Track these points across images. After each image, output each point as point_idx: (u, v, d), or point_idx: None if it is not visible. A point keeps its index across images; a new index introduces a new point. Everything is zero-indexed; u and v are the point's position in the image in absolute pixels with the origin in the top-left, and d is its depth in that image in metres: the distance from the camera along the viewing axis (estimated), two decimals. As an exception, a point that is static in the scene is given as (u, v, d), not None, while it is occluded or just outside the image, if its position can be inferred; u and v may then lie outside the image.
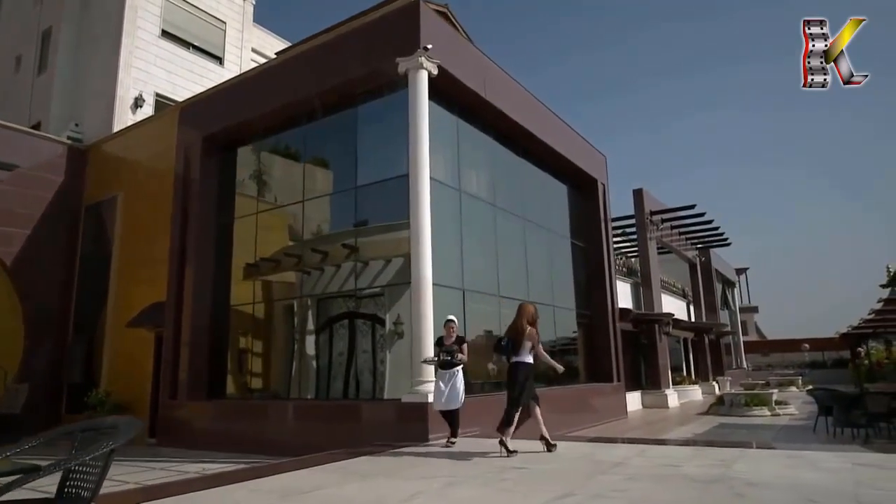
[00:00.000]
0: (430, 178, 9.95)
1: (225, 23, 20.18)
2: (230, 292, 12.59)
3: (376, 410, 9.46)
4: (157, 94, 17.66)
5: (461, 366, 7.89)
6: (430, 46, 9.78)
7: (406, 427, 8.72)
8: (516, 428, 6.76)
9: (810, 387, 20.78)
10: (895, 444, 9.81)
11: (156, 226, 13.53)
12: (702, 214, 22.73)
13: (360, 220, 11.02)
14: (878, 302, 26.23)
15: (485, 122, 12.35)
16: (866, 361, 18.26)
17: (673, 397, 19.88)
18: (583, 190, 16.67)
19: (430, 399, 8.62)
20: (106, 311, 14.69)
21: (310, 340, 11.50)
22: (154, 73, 17.71)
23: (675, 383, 21.84)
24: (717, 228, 25.16)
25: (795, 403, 16.40)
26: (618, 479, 5.30)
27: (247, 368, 12.50)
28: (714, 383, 25.94)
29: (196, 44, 19.19)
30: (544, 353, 7.44)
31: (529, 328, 7.00)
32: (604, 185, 17.11)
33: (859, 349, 21.09)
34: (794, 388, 25.65)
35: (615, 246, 24.05)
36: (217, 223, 12.91)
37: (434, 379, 8.25)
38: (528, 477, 5.65)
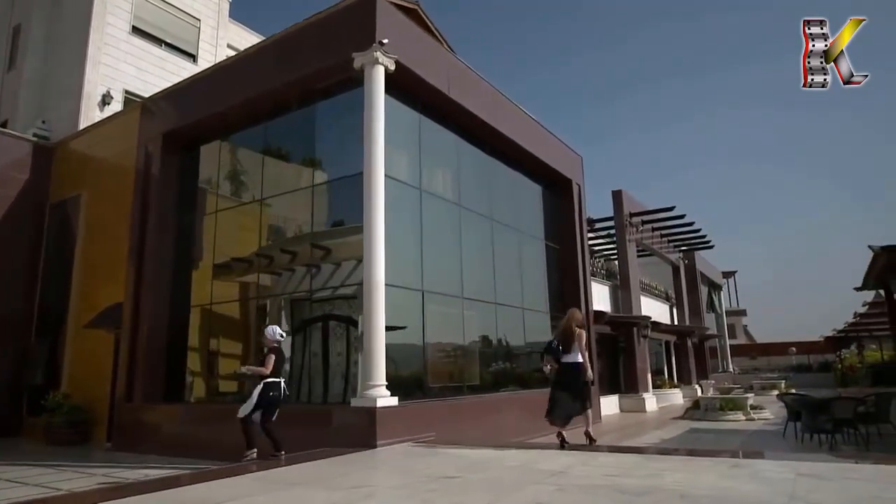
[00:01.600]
0: (388, 176, 9.72)
1: (199, 20, 19.87)
2: (190, 292, 12.31)
3: (325, 415, 9.19)
4: (127, 92, 17.34)
5: (257, 377, 7.74)
6: (385, 41, 9.53)
7: (354, 432, 8.45)
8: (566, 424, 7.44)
9: (784, 391, 20.65)
10: (860, 451, 9.61)
11: (118, 225, 13.21)
12: (682, 216, 22.54)
13: (319, 220, 10.79)
14: (863, 305, 26.17)
15: (450, 120, 12.10)
16: (839, 366, 18.06)
17: (651, 401, 19.65)
18: (557, 190, 16.43)
19: (379, 403, 8.39)
20: (69, 311, 14.39)
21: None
22: (123, 69, 17.39)
23: (655, 387, 21.62)
24: (698, 231, 24.98)
25: (772, 408, 16.17)
26: (547, 490, 5.04)
27: (207, 371, 12.19)
28: (697, 387, 25.75)
29: (168, 41, 18.88)
30: (587, 356, 7.83)
31: (578, 330, 7.57)
32: (579, 185, 16.88)
33: (839, 353, 21.03)
34: (776, 392, 25.45)
35: (599, 248, 23.96)
36: (178, 222, 12.63)
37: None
38: (455, 487, 5.39)
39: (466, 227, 12.16)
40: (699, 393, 23.84)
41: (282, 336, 8.07)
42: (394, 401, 8.66)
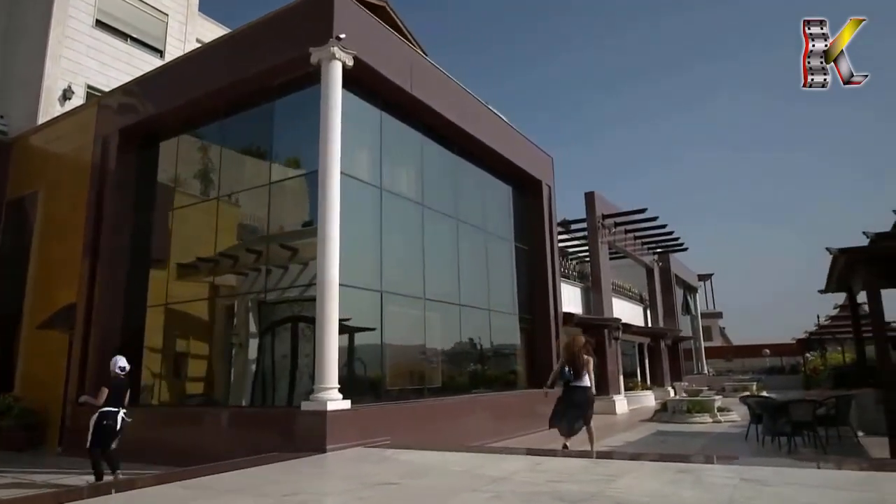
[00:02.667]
0: (345, 174, 9.53)
1: (167, 14, 19.48)
2: (147, 292, 11.98)
3: (276, 418, 8.96)
4: (89, 87, 16.90)
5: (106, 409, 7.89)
6: (343, 36, 9.33)
7: (305, 436, 8.23)
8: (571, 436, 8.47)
9: (755, 393, 20.73)
10: (818, 454, 9.59)
11: (75, 223, 12.82)
12: (654, 218, 22.58)
13: (277, 219, 10.57)
14: (834, 308, 26.42)
15: (414, 118, 11.92)
16: (804, 369, 18.20)
17: (622, 403, 19.61)
18: (526, 191, 16.32)
19: (330, 407, 8.18)
20: (24, 311, 13.97)
21: (226, 344, 10.97)
22: (86, 64, 16.95)
23: (627, 389, 21.60)
24: (671, 233, 25.06)
25: (739, 410, 16.16)
26: (482, 498, 4.87)
27: (164, 373, 11.86)
28: (670, 389, 25.81)
29: (134, 35, 18.46)
30: (593, 378, 8.78)
31: (587, 358, 8.40)
32: (549, 186, 16.78)
33: (803, 356, 21.25)
34: (757, 394, 25.58)
35: (574, 250, 23.92)
36: (135, 220, 12.31)
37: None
38: (389, 494, 5.20)
39: (430, 227, 11.98)
40: (672, 395, 23.89)
41: (122, 368, 8.28)
42: (346, 404, 8.45)
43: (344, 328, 9.33)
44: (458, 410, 11.59)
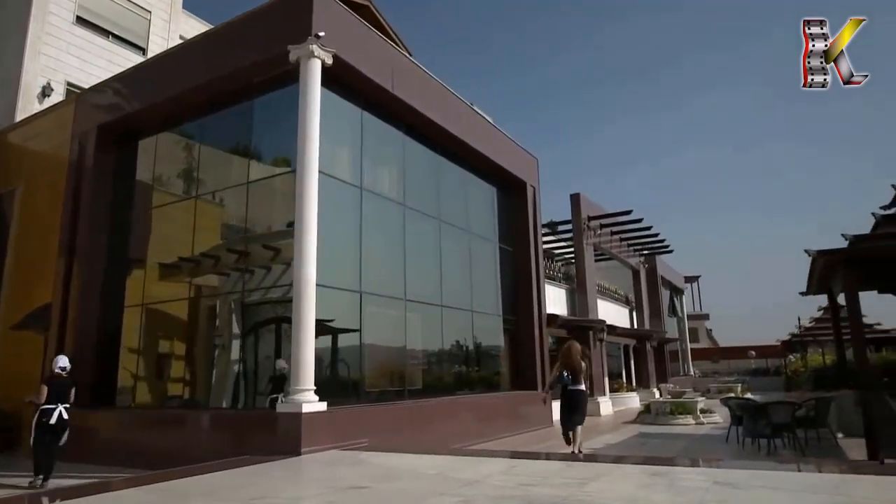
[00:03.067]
0: (323, 173, 9.43)
1: (150, 11, 19.27)
2: (125, 292, 11.81)
3: (251, 420, 8.84)
4: (69, 84, 16.68)
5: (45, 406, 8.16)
6: (322, 34, 9.23)
7: (280, 439, 8.11)
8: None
9: (739, 394, 20.81)
10: (797, 456, 9.59)
11: (53, 221, 12.64)
12: (639, 220, 22.61)
13: (255, 218, 10.46)
14: (819, 310, 26.57)
15: (396, 118, 11.84)
16: (786, 370, 18.27)
17: (607, 405, 19.59)
18: (511, 192, 16.28)
19: (305, 409, 8.08)
20: (-1, 311, 13.75)
21: (204, 345, 10.85)
22: (66, 61, 16.74)
23: (612, 390, 21.60)
24: (656, 235, 25.11)
25: (722, 412, 16.18)
26: (451, 502, 4.80)
27: (140, 374, 11.69)
28: (656, 390, 25.84)
29: (116, 32, 18.24)
30: (588, 382, 9.88)
31: (584, 364, 9.07)
32: (534, 187, 16.75)
33: (785, 358, 21.40)
34: (738, 396, 25.67)
35: (560, 251, 23.91)
36: (113, 218, 12.13)
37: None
38: (358, 498, 5.11)
39: (412, 227, 11.89)
40: (657, 396, 23.92)
41: (63, 368, 8.57)
42: (322, 406, 8.34)
43: (322, 329, 9.24)
44: (440, 412, 11.50)
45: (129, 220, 12.12)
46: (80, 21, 17.38)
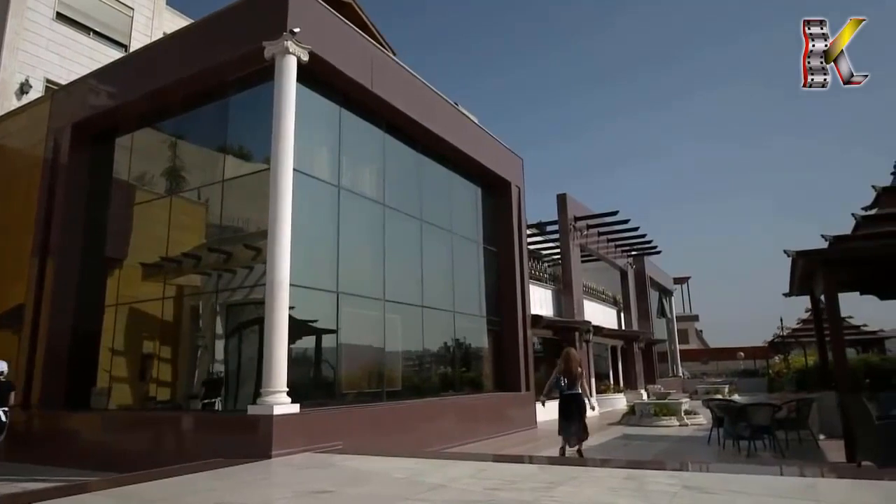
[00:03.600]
0: (301, 172, 9.35)
1: (132, 7, 19.04)
2: (100, 292, 11.61)
3: (222, 423, 8.68)
4: (49, 81, 16.43)
5: None
6: (297, 30, 9.08)
7: (251, 440, 7.96)
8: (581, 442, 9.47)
9: (727, 396, 20.76)
10: (776, 457, 9.52)
11: (28, 220, 12.43)
12: (626, 221, 22.59)
13: (231, 217, 10.31)
14: (806, 312, 26.59)
15: (376, 116, 11.71)
16: (769, 372, 18.29)
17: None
18: (495, 192, 16.17)
19: (277, 411, 7.93)
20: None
21: (180, 346, 10.66)
22: (45, 57, 16.49)
23: (599, 392, 21.52)
24: (643, 235, 25.08)
25: (706, 413, 16.13)
26: (412, 507, 4.67)
27: (115, 375, 11.49)
28: (643, 392, 25.78)
29: (97, 29, 18.00)
30: (586, 387, 10.27)
31: (580, 370, 9.64)
32: (518, 187, 16.65)
33: (767, 359, 21.48)
34: (719, 397, 25.66)
35: (548, 252, 23.80)
36: (88, 217, 11.94)
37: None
38: (321, 503, 4.98)
39: (392, 227, 11.75)
40: (644, 398, 23.87)
41: (1, 371, 9.29)
42: (294, 408, 8.19)
43: (297, 330, 9.10)
44: (420, 414, 11.37)
45: (106, 218, 11.92)
46: (61, 17, 17.12)
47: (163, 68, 10.75)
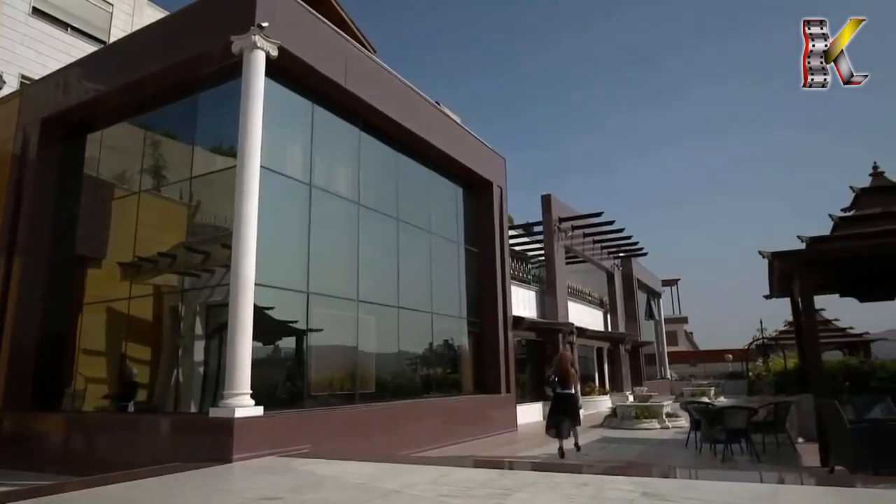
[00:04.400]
0: (270, 170, 9.20)
1: (112, 3, 18.80)
2: (70, 292, 11.36)
3: (185, 425, 8.46)
4: (24, 77, 16.15)
5: None
6: (265, 24, 8.89)
7: (211, 444, 7.76)
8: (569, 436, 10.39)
9: (713, 398, 20.66)
10: (752, 461, 9.39)
11: (-1, 219, 12.19)
12: (611, 222, 22.48)
13: (200, 214, 10.10)
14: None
15: (351, 113, 11.52)
16: (749, 375, 18.19)
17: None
18: (476, 192, 16.01)
19: (238, 414, 7.73)
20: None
21: (148, 347, 10.45)
22: (20, 53, 16.22)
23: (584, 394, 21.37)
24: (629, 237, 24.99)
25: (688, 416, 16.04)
26: (358, 515, 4.50)
27: (85, 377, 11.23)
28: (629, 394, 25.66)
29: (75, 25, 17.76)
30: (578, 387, 11.48)
31: (573, 371, 10.65)
32: (500, 188, 16.49)
33: (746, 362, 21.50)
34: (705, 399, 25.58)
35: (535, 253, 23.66)
36: (57, 215, 11.68)
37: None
38: (263, 511, 4.80)
39: (366, 226, 11.56)
40: (630, 400, 23.74)
41: None
42: (258, 410, 7.99)
43: (264, 330, 8.91)
44: (395, 416, 11.18)
45: (76, 216, 11.69)
46: (37, 13, 16.86)
47: (134, 63, 10.53)
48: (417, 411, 11.94)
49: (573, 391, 10.49)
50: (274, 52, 9.10)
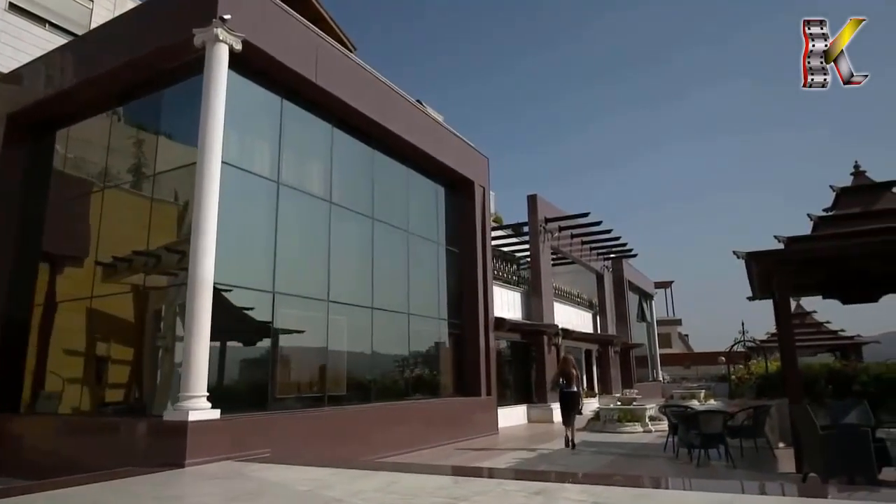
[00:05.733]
0: (233, 166, 9.00)
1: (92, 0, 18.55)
2: (35, 290, 11.11)
3: (138, 428, 8.20)
4: (-1, 73, 15.92)
5: None
6: (227, 17, 8.67)
7: (164, 448, 7.53)
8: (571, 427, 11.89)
9: (703, 401, 20.46)
10: (728, 466, 9.14)
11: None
12: (598, 223, 22.24)
13: (164, 211, 9.85)
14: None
15: (323, 109, 11.29)
16: (731, 378, 17.97)
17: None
18: (458, 192, 15.78)
19: (193, 417, 7.49)
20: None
21: (111, 347, 10.19)
22: (-4, 48, 15.97)
23: (570, 396, 21.13)
24: (617, 238, 24.76)
25: (673, 419, 15.80)
26: (287, 526, 4.26)
27: (47, 378, 10.95)
28: (617, 396, 25.44)
29: (53, 21, 17.47)
30: (581, 387, 13.07)
31: (575, 372, 12.17)
32: (483, 187, 16.26)
33: (729, 365, 21.28)
34: (695, 402, 25.34)
35: (523, 254, 23.39)
36: (23, 212, 11.43)
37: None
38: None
39: (338, 225, 11.32)
40: (619, 403, 23.49)
41: None
42: (214, 413, 7.76)
43: (224, 331, 8.67)
44: (366, 419, 10.94)
45: (44, 213, 11.44)
46: (13, 8, 16.54)
47: (99, 57, 10.32)
48: (392, 414, 11.69)
49: (576, 389, 12.09)
50: (238, 46, 8.88)
